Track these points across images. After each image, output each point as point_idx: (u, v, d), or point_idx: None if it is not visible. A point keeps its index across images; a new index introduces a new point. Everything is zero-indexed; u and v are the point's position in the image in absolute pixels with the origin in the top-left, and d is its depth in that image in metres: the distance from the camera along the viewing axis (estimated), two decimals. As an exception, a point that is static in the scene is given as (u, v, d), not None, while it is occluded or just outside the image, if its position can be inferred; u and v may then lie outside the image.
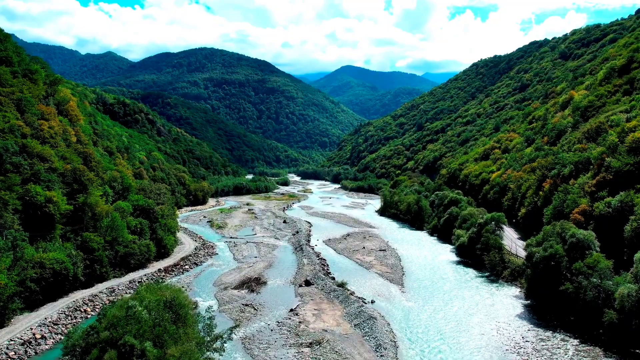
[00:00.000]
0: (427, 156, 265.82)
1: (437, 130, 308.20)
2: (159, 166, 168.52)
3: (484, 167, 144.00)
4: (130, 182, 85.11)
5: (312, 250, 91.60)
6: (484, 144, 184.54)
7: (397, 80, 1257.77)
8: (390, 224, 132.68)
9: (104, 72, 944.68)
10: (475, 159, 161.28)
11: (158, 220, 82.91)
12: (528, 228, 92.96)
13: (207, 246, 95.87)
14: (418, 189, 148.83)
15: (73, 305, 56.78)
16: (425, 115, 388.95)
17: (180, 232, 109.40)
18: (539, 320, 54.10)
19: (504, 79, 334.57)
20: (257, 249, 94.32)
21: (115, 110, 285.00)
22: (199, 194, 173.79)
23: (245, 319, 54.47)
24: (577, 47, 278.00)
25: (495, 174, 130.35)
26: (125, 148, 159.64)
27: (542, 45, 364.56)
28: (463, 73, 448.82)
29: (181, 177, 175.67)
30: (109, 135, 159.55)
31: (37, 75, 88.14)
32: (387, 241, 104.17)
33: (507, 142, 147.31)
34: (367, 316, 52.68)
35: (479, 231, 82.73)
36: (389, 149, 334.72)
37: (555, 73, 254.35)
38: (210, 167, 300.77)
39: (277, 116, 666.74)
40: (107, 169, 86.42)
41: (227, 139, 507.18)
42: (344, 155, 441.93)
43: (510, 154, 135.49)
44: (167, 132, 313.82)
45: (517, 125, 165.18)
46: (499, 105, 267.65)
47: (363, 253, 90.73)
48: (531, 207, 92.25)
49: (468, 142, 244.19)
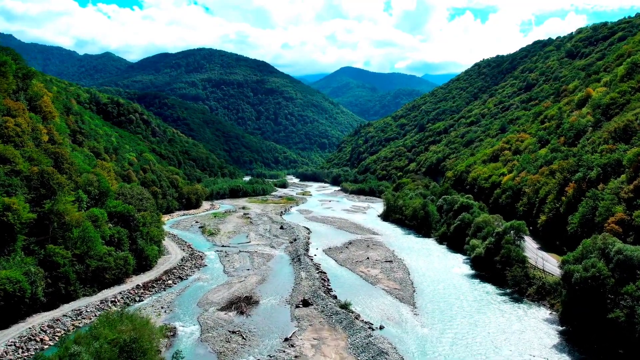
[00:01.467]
0: (429, 158, 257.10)
1: (439, 131, 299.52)
2: (150, 168, 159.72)
3: (494, 169, 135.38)
4: (108, 185, 76.36)
5: (311, 262, 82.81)
6: (491, 145, 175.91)
7: (397, 82, 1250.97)
8: (394, 230, 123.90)
9: (102, 72, 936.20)
10: (483, 160, 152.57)
11: (139, 229, 74.09)
12: (549, 237, 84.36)
13: (196, 256, 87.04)
14: (423, 193, 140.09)
15: (27, 334, 47.91)
16: (426, 116, 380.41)
17: (168, 240, 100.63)
18: (581, 354, 45.40)
19: (508, 78, 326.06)
20: (251, 260, 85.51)
21: (108, 110, 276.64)
22: (192, 197, 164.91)
23: (231, 352, 45.65)
24: (584, 46, 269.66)
25: (507, 176, 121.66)
26: (114, 149, 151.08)
27: (546, 45, 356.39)
28: (465, 73, 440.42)
29: (174, 179, 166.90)
30: (97, 136, 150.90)
31: (6, 67, 79.36)
32: (392, 250, 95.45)
33: (518, 143, 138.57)
34: (377, 350, 43.86)
35: (497, 241, 73.98)
36: (389, 151, 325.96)
37: (562, 72, 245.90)
38: (206, 169, 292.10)
39: (275, 117, 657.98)
40: (82, 171, 77.56)
41: (225, 140, 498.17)
42: (344, 156, 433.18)
43: (522, 155, 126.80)
44: (162, 132, 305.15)
45: (527, 125, 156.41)
46: (504, 105, 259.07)
47: (367, 265, 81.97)
48: (552, 214, 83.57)
49: (473, 143, 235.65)
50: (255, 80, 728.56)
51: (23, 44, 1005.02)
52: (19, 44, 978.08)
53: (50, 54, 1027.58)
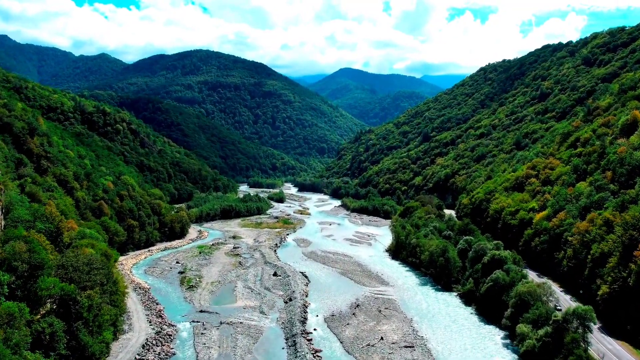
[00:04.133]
0: (437, 172, 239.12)
1: (446, 142, 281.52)
2: (129, 193, 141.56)
3: (520, 201, 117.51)
4: (43, 256, 58.53)
5: (310, 349, 64.66)
6: (511, 166, 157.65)
7: (396, 83, 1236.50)
8: (407, 278, 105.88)
9: (97, 74, 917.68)
10: (505, 187, 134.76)
11: (82, 317, 56.08)
12: (616, 316, 65.74)
13: (164, 334, 68.95)
14: (439, 227, 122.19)
15: None
16: (430, 124, 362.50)
17: (136, 299, 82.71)
18: None
19: (518, 86, 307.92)
20: (233, 342, 67.44)
21: (94, 120, 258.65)
22: (176, 226, 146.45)
23: None
24: (602, 52, 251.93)
25: (539, 215, 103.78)
26: (86, 174, 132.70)
27: (556, 50, 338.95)
28: (470, 78, 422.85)
29: (156, 205, 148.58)
30: (66, 160, 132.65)
31: None
32: (410, 318, 77.69)
33: (548, 171, 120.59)
34: None
35: (555, 333, 56.14)
36: (393, 162, 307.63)
37: (580, 81, 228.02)
38: (198, 182, 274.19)
39: (273, 121, 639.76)
40: (9, 237, 59.25)
41: (221, 145, 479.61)
42: (344, 165, 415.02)
43: (556, 189, 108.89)
44: (152, 143, 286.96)
45: (553, 147, 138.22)
46: (517, 116, 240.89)
47: (383, 353, 63.90)
48: (618, 285, 65.71)
49: (485, 158, 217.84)
50: (252, 83, 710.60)
51: (18, 45, 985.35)
52: (14, 45, 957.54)
53: (45, 55, 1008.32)
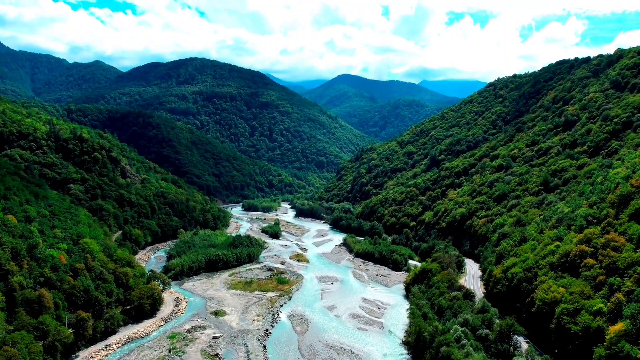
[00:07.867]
0: (451, 211, 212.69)
1: (458, 172, 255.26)
2: (87, 264, 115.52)
3: (580, 295, 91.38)
4: None
5: None
6: (551, 227, 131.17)
7: (395, 90, 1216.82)
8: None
9: (90, 82, 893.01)
10: (549, 262, 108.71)
11: None
12: None
13: None
14: (472, 323, 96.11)
15: None
16: (437, 145, 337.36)
17: None
18: None
19: (536, 109, 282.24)
20: None
21: (69, 148, 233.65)
22: (145, 304, 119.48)
23: None
24: (632, 75, 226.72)
25: (614, 328, 77.73)
26: (29, 248, 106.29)
27: (573, 67, 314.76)
28: (479, 94, 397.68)
29: (122, 275, 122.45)
30: (1, 232, 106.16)
31: None
32: None
33: (611, 253, 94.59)
34: None
35: None
36: (399, 191, 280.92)
37: (613, 110, 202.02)
38: (185, 215, 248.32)
39: (270, 133, 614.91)
40: None
41: (215, 162, 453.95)
42: (345, 187, 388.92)
43: (629, 285, 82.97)
44: (135, 172, 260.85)
45: (608, 210, 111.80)
46: (541, 147, 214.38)
47: None
48: None
49: (506, 198, 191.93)
50: (249, 93, 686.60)
51: (12, 52, 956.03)
52: (7, 52, 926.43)
53: (38, 62, 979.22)
